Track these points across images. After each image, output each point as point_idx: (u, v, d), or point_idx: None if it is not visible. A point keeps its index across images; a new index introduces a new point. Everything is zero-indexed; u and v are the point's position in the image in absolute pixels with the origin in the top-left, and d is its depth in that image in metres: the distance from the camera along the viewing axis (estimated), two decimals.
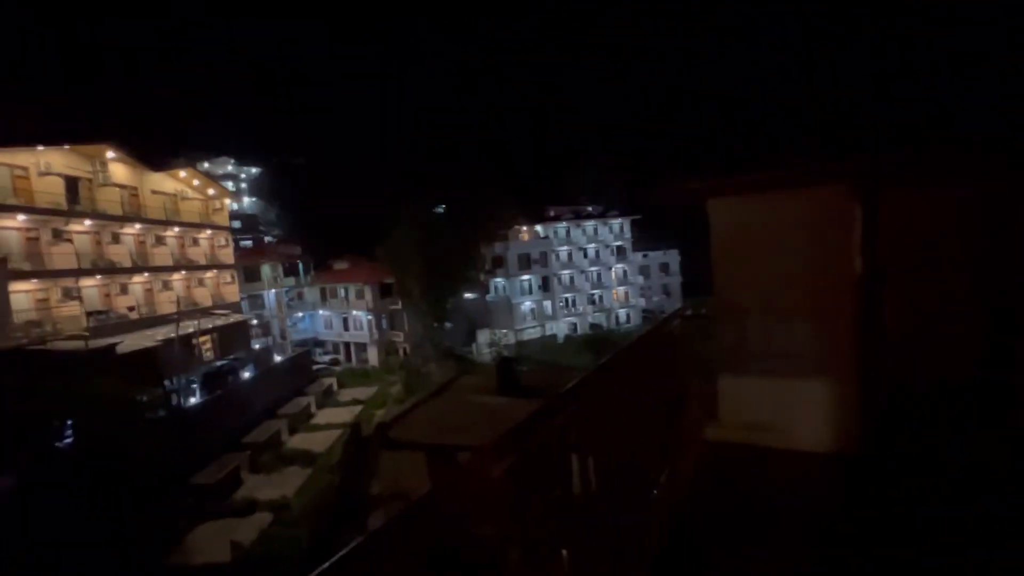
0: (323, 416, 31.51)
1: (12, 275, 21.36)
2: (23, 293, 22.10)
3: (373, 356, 45.43)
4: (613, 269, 56.58)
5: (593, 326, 51.94)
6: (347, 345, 47.46)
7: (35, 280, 22.74)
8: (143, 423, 18.15)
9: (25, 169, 23.12)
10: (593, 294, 54.67)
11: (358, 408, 32.65)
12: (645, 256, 59.02)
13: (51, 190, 24.11)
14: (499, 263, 45.89)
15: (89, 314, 24.71)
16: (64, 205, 24.68)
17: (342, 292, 47.07)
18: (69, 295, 24.47)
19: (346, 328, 47.04)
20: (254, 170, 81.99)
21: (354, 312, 46.21)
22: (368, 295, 45.17)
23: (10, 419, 15.89)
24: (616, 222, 57.84)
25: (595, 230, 56.59)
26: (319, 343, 47.74)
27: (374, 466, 17.80)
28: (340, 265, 50.25)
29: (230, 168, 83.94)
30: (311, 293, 48.68)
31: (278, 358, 35.39)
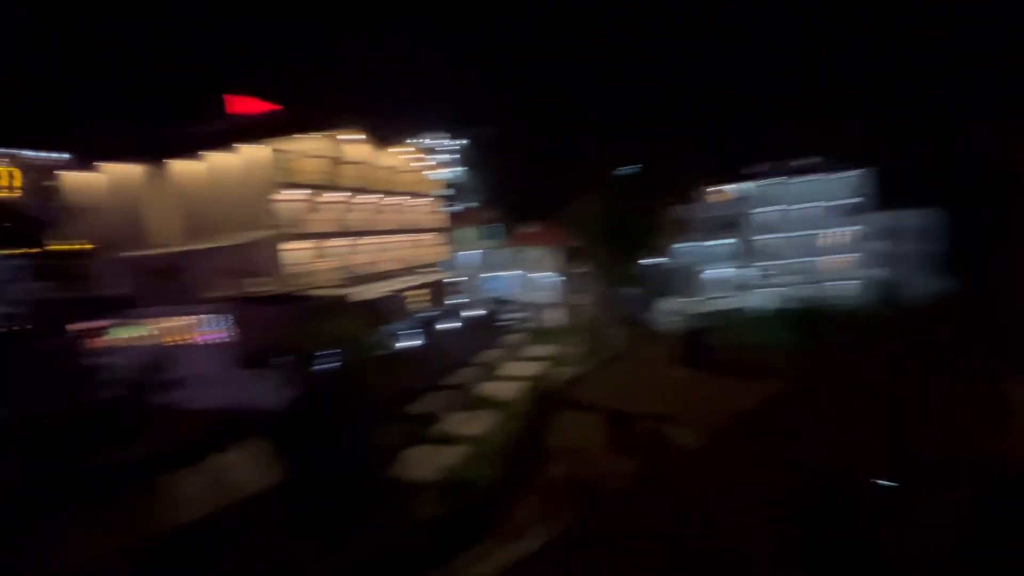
0: (511, 368, 34.41)
1: (290, 237, 28.03)
2: (296, 251, 28.84)
3: (557, 317, 47.42)
4: (833, 233, 47.13)
5: (801, 299, 44.61)
6: (534, 305, 50.43)
7: (304, 241, 29.44)
8: (373, 359, 22.38)
9: (299, 153, 29.68)
10: (803, 262, 46.67)
11: (542, 364, 34.74)
12: (885, 217, 47.22)
13: (315, 169, 30.60)
14: (686, 227, 42.56)
15: (339, 268, 31.17)
16: (322, 181, 31.13)
17: (532, 254, 49.81)
18: (326, 253, 31.14)
19: (536, 288, 49.93)
20: (463, 142, 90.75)
21: (543, 273, 48.65)
22: (555, 258, 46.93)
23: (294, 344, 21.31)
24: (841, 176, 47.52)
25: (811, 187, 47.51)
26: (509, 301, 51.76)
27: (553, 421, 18.87)
28: (531, 229, 52.92)
29: (444, 142, 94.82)
30: (504, 254, 52.67)
31: (474, 313, 39.45)
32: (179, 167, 29.81)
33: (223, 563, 14.80)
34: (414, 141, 44.99)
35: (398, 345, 28.37)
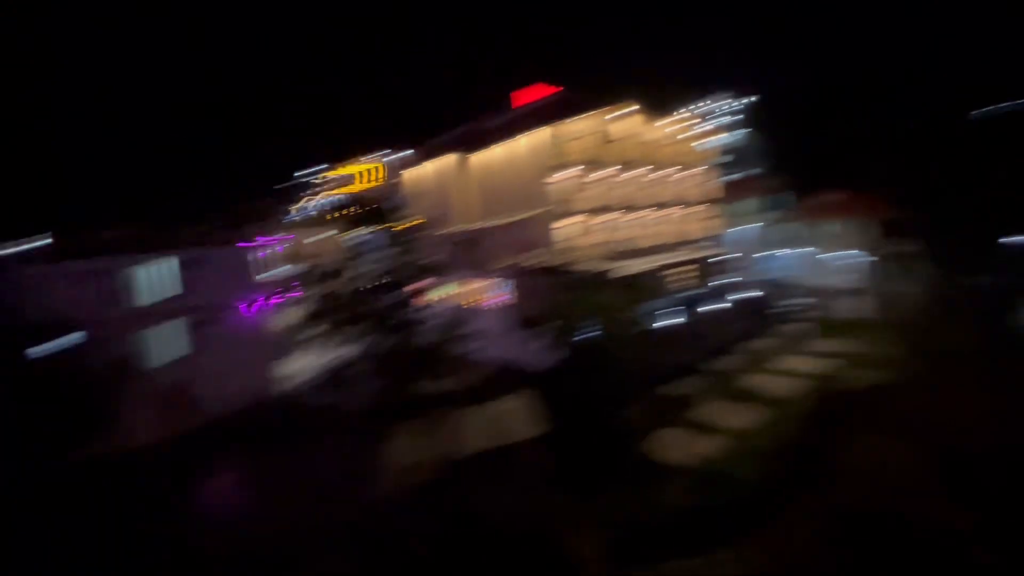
0: (790, 362, 29.45)
1: (565, 213, 30.09)
2: (569, 225, 30.81)
3: (860, 307, 37.95)
4: None
5: None
6: (825, 290, 41.53)
7: (577, 216, 31.19)
8: (631, 334, 22.45)
9: (575, 133, 31.31)
10: None
11: (835, 363, 28.56)
12: None
13: (589, 147, 31.84)
14: None
15: (607, 242, 32.01)
16: (596, 158, 32.18)
17: (828, 228, 40.93)
18: (597, 227, 32.35)
19: (827, 270, 41.06)
20: (747, 100, 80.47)
21: (839, 252, 39.55)
22: (861, 233, 37.37)
23: (562, 312, 23.23)
24: None
25: None
26: (795, 284, 44.02)
27: (850, 442, 15.18)
28: (832, 197, 43.42)
29: (726, 104, 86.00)
30: (789, 229, 44.82)
31: (746, 295, 35.12)
32: (478, 156, 35.37)
33: (491, 497, 17.41)
34: (691, 107, 41.94)
35: (657, 323, 27.63)
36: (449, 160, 37.15)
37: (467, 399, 20.85)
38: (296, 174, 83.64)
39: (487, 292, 30.96)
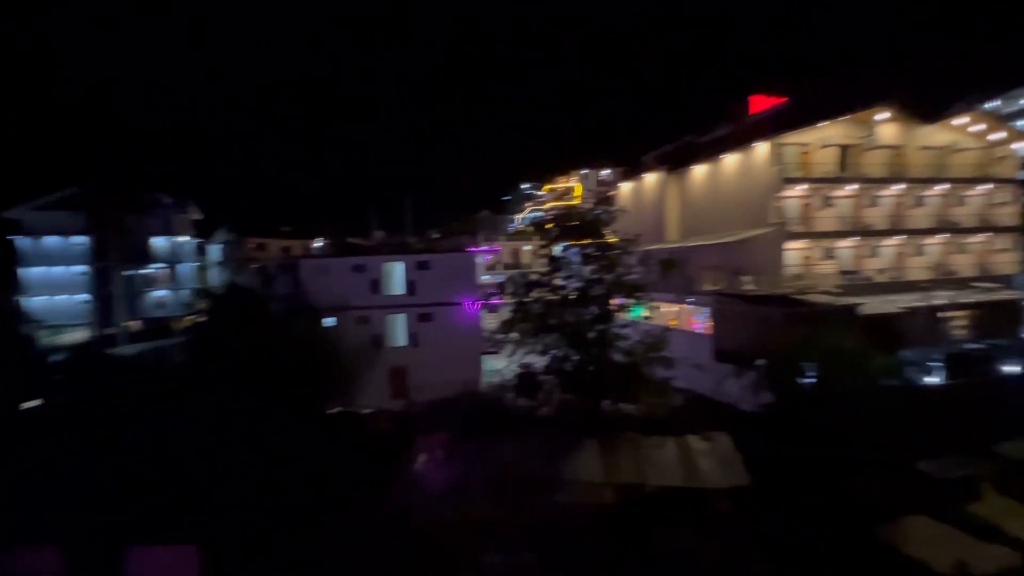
0: None
1: (788, 236, 26.27)
2: (793, 251, 26.77)
3: None
4: None
5: None
6: None
7: (804, 240, 26.96)
8: (877, 387, 18.16)
9: (806, 145, 27.24)
10: None
11: None
12: None
13: (825, 160, 27.33)
14: None
15: (842, 273, 26.89)
16: (835, 173, 27.43)
17: None
18: (827, 255, 27.48)
19: None
20: None
21: None
22: None
23: (770, 351, 20.19)
24: None
25: None
26: None
27: None
28: None
29: None
30: None
31: None
32: (690, 173, 33.42)
33: (675, 540, 15.79)
34: (979, 107, 32.76)
35: (920, 379, 21.93)
36: (658, 177, 36.03)
37: (658, 428, 19.51)
38: (514, 188, 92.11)
39: (690, 316, 28.84)
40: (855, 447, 17.11)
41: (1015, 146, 31.28)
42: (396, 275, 28.15)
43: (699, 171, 32.31)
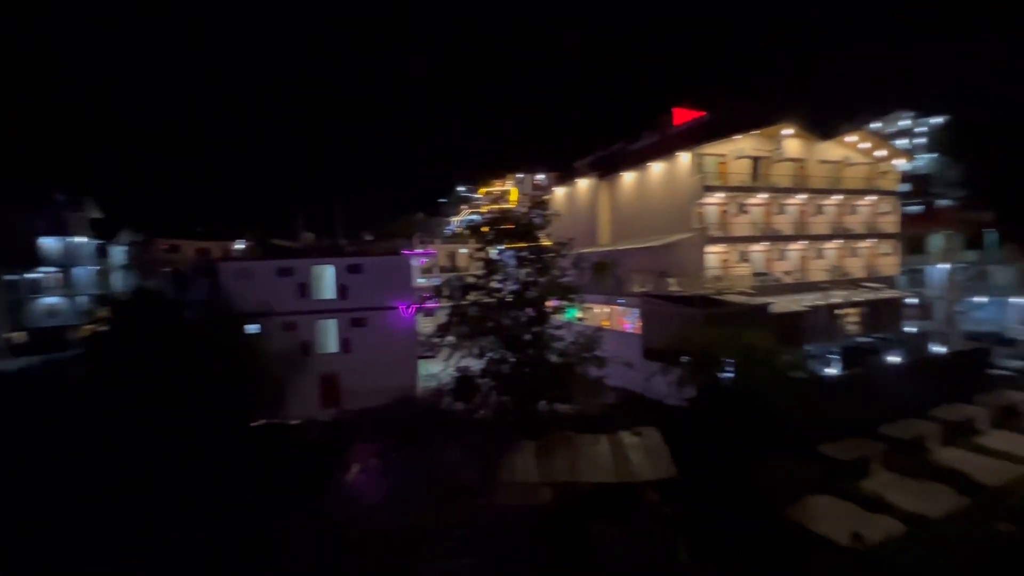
0: (997, 439, 23.64)
1: (709, 240, 28.09)
2: (713, 254, 28.66)
3: None
4: None
5: None
6: None
7: (722, 244, 28.94)
8: (784, 379, 19.83)
9: (724, 156, 29.31)
10: None
11: None
12: None
13: (740, 171, 29.53)
14: None
15: (755, 275, 29.14)
16: (748, 183, 29.70)
17: None
18: (742, 258, 29.67)
19: None
20: (936, 120, 68.85)
21: None
22: None
23: (693, 349, 21.48)
24: None
25: None
26: (1006, 342, 35.55)
27: None
28: None
29: (905, 123, 74.46)
30: (1003, 273, 36.50)
31: (938, 349, 29.25)
32: (620, 180, 34.82)
33: (608, 534, 16.40)
34: (868, 128, 36.77)
35: (819, 370, 24.19)
36: (590, 183, 37.21)
37: (592, 426, 20.13)
38: (450, 190, 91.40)
39: (621, 316, 30.02)
40: (767, 435, 18.60)
41: (895, 162, 35.48)
42: (326, 279, 27.02)
43: (628, 178, 33.78)
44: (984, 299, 36.76)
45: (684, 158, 28.92)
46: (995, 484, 19.35)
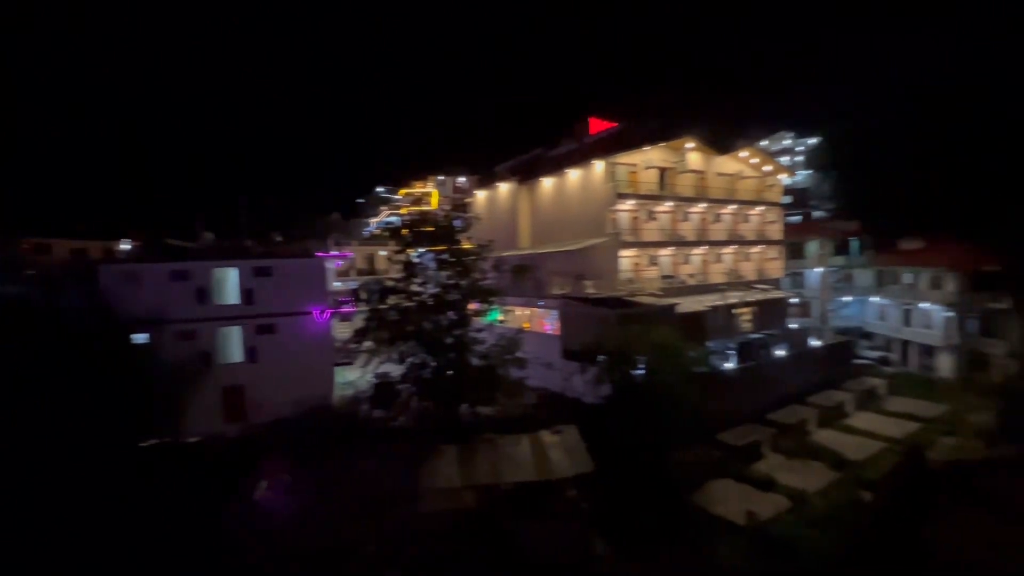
0: (861, 420, 27.29)
1: (622, 244, 29.63)
2: (626, 258, 30.26)
3: (944, 365, 34.92)
4: None
5: None
6: (904, 344, 38.49)
7: (634, 249, 30.66)
8: (689, 374, 21.41)
9: (635, 166, 31.11)
10: None
11: (913, 425, 26.18)
12: None
13: (649, 180, 31.50)
14: None
15: (663, 277, 31.17)
16: (656, 191, 31.73)
17: (908, 278, 38.21)
18: (652, 261, 31.63)
19: (907, 323, 38.13)
20: (811, 141, 77.97)
21: (922, 305, 36.70)
22: (949, 285, 34.63)
23: (608, 348, 22.55)
24: None
25: None
26: (866, 335, 41.12)
27: (940, 517, 13.57)
28: (911, 244, 40.70)
29: (787, 142, 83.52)
30: (864, 276, 42.17)
31: (814, 342, 33.10)
32: (538, 185, 35.70)
33: (531, 533, 16.74)
34: (757, 145, 40.74)
35: (719, 365, 26.38)
36: (510, 187, 37.74)
37: (513, 427, 20.42)
38: (368, 191, 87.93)
39: (541, 318, 30.71)
40: (675, 426, 19.99)
41: (780, 177, 39.73)
42: (229, 282, 24.96)
43: (548, 183, 34.75)
44: (849, 298, 42.22)
45: (598, 166, 30.30)
46: (859, 459, 22.29)
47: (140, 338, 21.92)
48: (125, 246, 42.07)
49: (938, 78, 61.17)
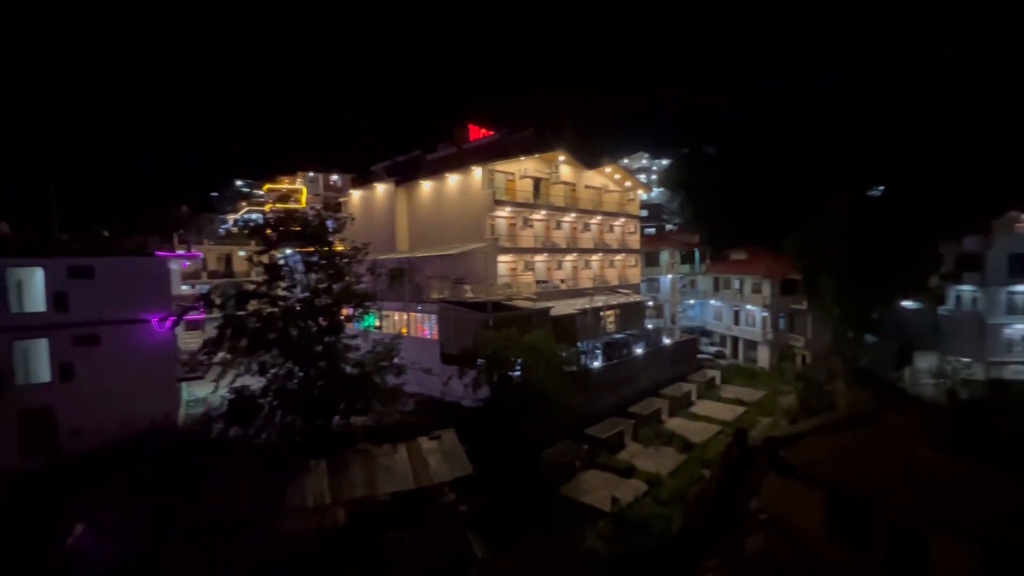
0: (702, 407, 31.30)
1: (500, 250, 30.40)
2: (503, 263, 31.12)
3: (763, 357, 41.75)
4: None
5: None
6: (735, 340, 45.36)
7: (511, 254, 31.65)
8: (561, 373, 22.65)
9: (512, 174, 32.21)
10: None
11: (740, 409, 30.77)
12: None
13: (525, 189, 32.81)
14: (971, 264, 32.76)
15: (537, 282, 32.61)
16: (531, 200, 33.16)
17: (736, 284, 45.04)
18: (528, 267, 32.93)
19: (736, 322, 44.95)
20: (664, 162, 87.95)
21: (747, 306, 43.57)
22: (765, 290, 41.53)
23: (486, 351, 22.95)
24: None
25: None
26: (706, 333, 47.52)
27: (757, 483, 16.08)
28: (738, 255, 48.00)
29: (644, 162, 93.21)
30: (704, 282, 48.71)
31: (666, 341, 37.22)
32: (416, 188, 35.16)
33: (407, 544, 16.34)
34: (619, 162, 44.83)
35: (587, 364, 28.29)
36: (388, 188, 36.58)
37: (390, 435, 19.70)
38: (225, 184, 78.01)
39: (420, 323, 30.14)
40: (549, 424, 21.00)
41: (638, 192, 44.18)
42: (34, 285, 20.47)
43: (427, 186, 34.39)
44: (693, 301, 48.38)
45: (477, 173, 30.80)
46: (701, 441, 25.54)
47: None
48: None
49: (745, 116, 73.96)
